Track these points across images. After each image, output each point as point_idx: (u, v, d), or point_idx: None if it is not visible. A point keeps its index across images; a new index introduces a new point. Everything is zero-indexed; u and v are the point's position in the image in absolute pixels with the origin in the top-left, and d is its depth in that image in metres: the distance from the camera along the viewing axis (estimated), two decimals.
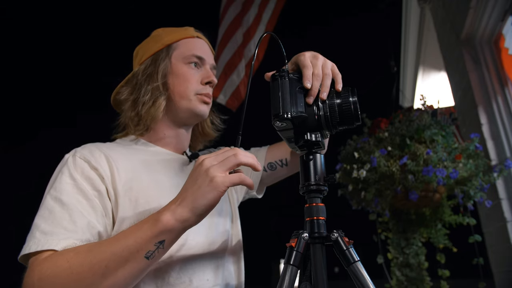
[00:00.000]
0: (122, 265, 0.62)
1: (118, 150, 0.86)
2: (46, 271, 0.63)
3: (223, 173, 0.63)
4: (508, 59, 2.08)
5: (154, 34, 0.99)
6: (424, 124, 1.71)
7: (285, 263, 0.62)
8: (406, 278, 1.86)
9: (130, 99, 0.92)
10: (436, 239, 1.87)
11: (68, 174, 0.76)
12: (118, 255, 0.62)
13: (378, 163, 1.64)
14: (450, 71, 2.61)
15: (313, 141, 0.68)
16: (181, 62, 0.92)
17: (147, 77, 0.92)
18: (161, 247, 0.63)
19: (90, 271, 0.61)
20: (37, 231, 0.68)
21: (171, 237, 0.64)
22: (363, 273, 0.61)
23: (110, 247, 0.63)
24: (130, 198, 0.78)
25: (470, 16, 2.07)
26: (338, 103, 0.67)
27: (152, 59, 0.93)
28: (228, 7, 3.30)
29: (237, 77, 3.20)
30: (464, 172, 1.62)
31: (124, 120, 0.94)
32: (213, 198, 0.62)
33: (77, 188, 0.74)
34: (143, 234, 0.63)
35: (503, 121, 2.04)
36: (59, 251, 0.66)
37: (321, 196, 0.67)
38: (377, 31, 6.54)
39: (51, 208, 0.71)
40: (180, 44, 0.94)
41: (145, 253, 0.62)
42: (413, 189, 1.62)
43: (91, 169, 0.77)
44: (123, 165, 0.82)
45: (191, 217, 0.63)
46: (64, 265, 0.62)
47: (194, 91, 0.91)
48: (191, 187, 0.64)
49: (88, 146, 0.83)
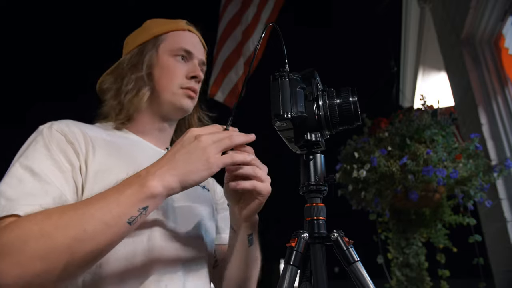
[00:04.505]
0: (101, 230, 0.57)
1: (97, 131, 0.83)
2: (8, 237, 0.56)
3: (217, 154, 0.64)
4: (508, 59, 2.09)
5: (145, 24, 0.97)
6: (424, 124, 1.71)
7: (285, 263, 0.62)
8: (406, 278, 1.86)
9: (113, 88, 0.90)
10: (436, 239, 1.87)
11: (43, 144, 0.71)
12: (97, 218, 0.57)
13: (378, 163, 1.64)
14: (450, 71, 2.61)
15: (313, 141, 0.67)
16: (168, 54, 0.90)
17: (132, 67, 0.90)
18: (144, 213, 0.61)
19: (66, 235, 0.56)
20: (2, 198, 0.62)
21: (155, 204, 0.62)
22: (363, 273, 0.61)
23: (88, 210, 0.58)
24: (102, 179, 0.74)
25: (470, 16, 2.08)
26: (338, 103, 0.67)
27: (139, 49, 0.91)
28: (228, 5, 3.31)
29: (236, 75, 3.20)
30: (464, 172, 1.62)
31: (106, 109, 0.90)
32: (205, 176, 0.63)
33: (51, 158, 0.70)
34: (126, 199, 0.59)
35: (503, 121, 2.04)
36: (23, 216, 0.60)
37: (321, 196, 0.67)
38: (377, 31, 6.53)
39: (21, 176, 0.65)
40: (168, 36, 0.92)
41: (128, 218, 0.59)
42: (413, 189, 1.62)
43: (67, 142, 0.74)
44: (100, 145, 0.78)
45: (177, 188, 0.62)
46: (32, 229, 0.56)
47: (179, 84, 0.89)
48: (183, 159, 0.62)
49: (66, 121, 0.79)
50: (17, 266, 0.55)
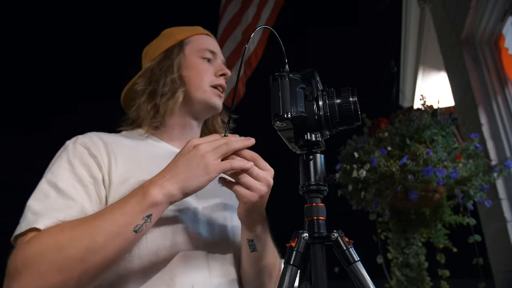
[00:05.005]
0: (111, 239, 0.62)
1: (121, 140, 0.87)
2: (30, 251, 0.61)
3: (216, 160, 0.66)
4: (508, 59, 2.09)
5: (164, 33, 1.01)
6: (424, 124, 1.71)
7: (285, 263, 0.62)
8: (406, 278, 1.86)
9: (146, 91, 0.92)
10: (436, 239, 1.87)
11: (66, 160, 0.76)
12: (106, 228, 0.62)
13: (378, 163, 1.64)
14: (450, 71, 2.61)
15: (313, 141, 0.68)
16: (195, 55, 0.95)
17: (163, 70, 0.93)
18: (148, 221, 0.64)
19: (78, 246, 0.61)
20: (29, 212, 0.68)
21: (158, 211, 0.65)
22: (363, 273, 0.61)
23: (96, 222, 0.63)
24: (127, 189, 0.76)
25: (470, 16, 2.08)
26: (338, 103, 0.67)
27: (165, 54, 0.95)
28: (228, 5, 3.31)
29: (236, 75, 3.19)
30: (464, 172, 1.62)
31: (138, 113, 0.92)
32: (204, 182, 0.65)
33: (73, 173, 0.74)
34: (131, 208, 0.63)
35: (503, 121, 2.04)
36: (42, 230, 0.65)
37: (321, 196, 0.67)
38: (377, 31, 6.53)
39: (47, 192, 0.71)
40: (192, 40, 0.97)
41: (134, 227, 0.63)
42: (413, 189, 1.62)
43: (90, 156, 0.78)
44: (123, 155, 0.81)
45: (178, 195, 0.65)
46: (49, 242, 0.61)
47: (209, 82, 0.93)
48: (183, 167, 0.65)
49: (90, 134, 0.84)
50: (38, 278, 0.60)
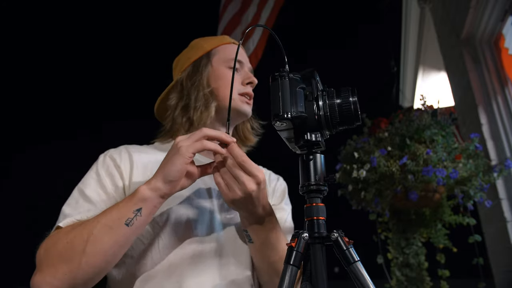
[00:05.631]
0: (105, 232, 0.70)
1: (147, 150, 0.94)
2: (48, 243, 0.73)
3: (189, 143, 0.71)
4: (508, 59, 2.09)
5: (193, 44, 1.04)
6: (424, 124, 1.71)
7: (285, 263, 0.62)
8: (406, 278, 1.86)
9: (179, 106, 0.97)
10: (436, 239, 1.87)
11: (95, 171, 0.86)
12: (102, 223, 0.70)
13: (378, 163, 1.64)
14: (450, 71, 2.61)
15: (313, 141, 0.68)
16: (223, 65, 0.97)
17: (194, 84, 0.96)
18: (139, 215, 0.71)
19: (80, 239, 0.70)
20: (61, 215, 0.79)
21: (147, 206, 0.71)
22: (363, 273, 0.61)
23: (97, 218, 0.72)
24: None
25: (470, 16, 2.08)
26: (338, 103, 0.67)
27: (194, 65, 0.98)
28: (228, 5, 3.31)
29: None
30: (464, 172, 1.62)
31: (172, 125, 0.98)
32: (180, 165, 0.70)
33: (99, 183, 0.84)
34: (123, 205, 0.72)
35: (503, 121, 2.04)
36: (63, 227, 0.76)
37: (321, 196, 0.67)
38: (377, 31, 6.52)
39: (77, 198, 0.82)
40: (219, 50, 0.99)
41: (125, 220, 0.70)
42: (413, 189, 1.62)
43: (115, 167, 0.87)
44: (145, 162, 0.89)
45: (162, 185, 0.71)
46: (61, 237, 0.72)
47: (237, 90, 0.96)
48: (164, 161, 0.73)
49: (120, 147, 0.93)
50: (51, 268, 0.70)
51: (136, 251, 0.82)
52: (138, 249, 0.82)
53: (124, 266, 0.83)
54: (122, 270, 0.83)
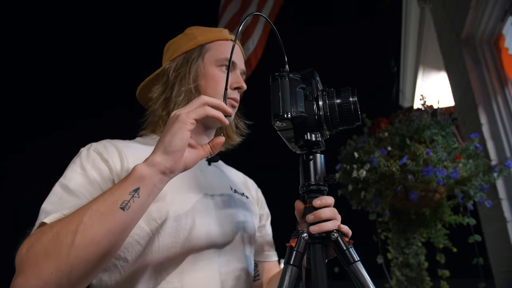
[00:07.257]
0: (97, 219, 0.60)
1: (135, 145, 0.88)
2: (31, 240, 0.63)
3: (190, 109, 0.65)
4: (508, 59, 2.08)
5: (188, 31, 0.97)
6: (424, 124, 1.71)
7: (285, 263, 0.62)
8: (406, 278, 1.86)
9: (161, 98, 0.92)
10: (436, 239, 1.87)
11: (79, 164, 0.78)
12: (93, 209, 0.61)
13: (378, 163, 1.64)
14: (450, 71, 2.61)
15: (313, 141, 0.68)
16: (214, 64, 0.91)
17: (179, 77, 0.91)
18: (136, 196, 0.62)
19: (68, 230, 0.60)
20: (43, 213, 0.70)
21: (146, 184, 0.63)
22: (363, 273, 0.61)
23: (87, 205, 0.63)
24: None
25: (470, 16, 2.08)
26: (338, 103, 0.67)
27: (184, 57, 0.93)
28: (228, 5, 3.30)
29: None
30: (464, 172, 1.62)
31: (153, 118, 0.93)
32: (182, 133, 0.63)
33: (85, 176, 0.76)
34: (117, 187, 0.63)
35: (503, 121, 2.04)
36: (48, 223, 0.66)
37: (321, 196, 0.67)
38: (377, 31, 6.52)
39: (60, 195, 0.73)
40: (213, 46, 0.93)
41: (120, 204, 0.61)
42: (413, 189, 1.62)
43: (102, 161, 0.79)
44: (135, 158, 0.81)
45: (162, 158, 0.63)
46: (46, 230, 0.62)
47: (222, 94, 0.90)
48: (164, 133, 0.65)
49: (104, 141, 0.85)
50: (35, 268, 0.59)
51: (131, 253, 0.74)
52: (135, 251, 0.75)
53: (117, 270, 0.75)
54: (114, 275, 0.76)
